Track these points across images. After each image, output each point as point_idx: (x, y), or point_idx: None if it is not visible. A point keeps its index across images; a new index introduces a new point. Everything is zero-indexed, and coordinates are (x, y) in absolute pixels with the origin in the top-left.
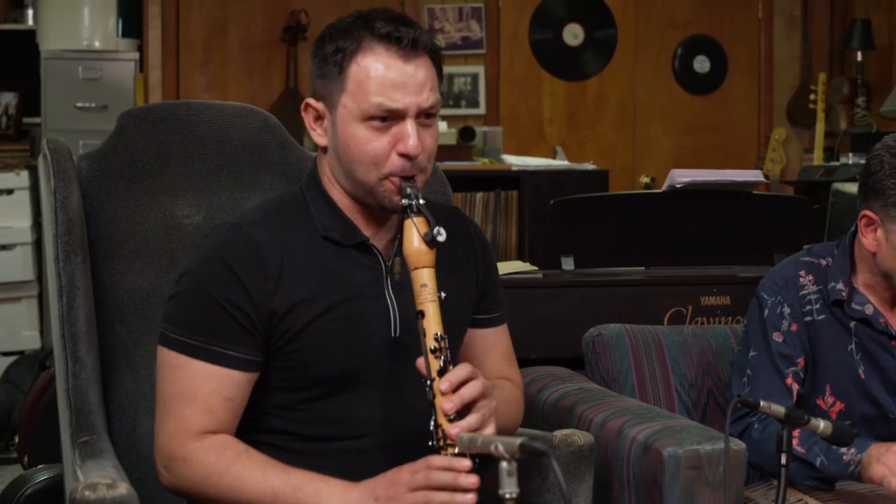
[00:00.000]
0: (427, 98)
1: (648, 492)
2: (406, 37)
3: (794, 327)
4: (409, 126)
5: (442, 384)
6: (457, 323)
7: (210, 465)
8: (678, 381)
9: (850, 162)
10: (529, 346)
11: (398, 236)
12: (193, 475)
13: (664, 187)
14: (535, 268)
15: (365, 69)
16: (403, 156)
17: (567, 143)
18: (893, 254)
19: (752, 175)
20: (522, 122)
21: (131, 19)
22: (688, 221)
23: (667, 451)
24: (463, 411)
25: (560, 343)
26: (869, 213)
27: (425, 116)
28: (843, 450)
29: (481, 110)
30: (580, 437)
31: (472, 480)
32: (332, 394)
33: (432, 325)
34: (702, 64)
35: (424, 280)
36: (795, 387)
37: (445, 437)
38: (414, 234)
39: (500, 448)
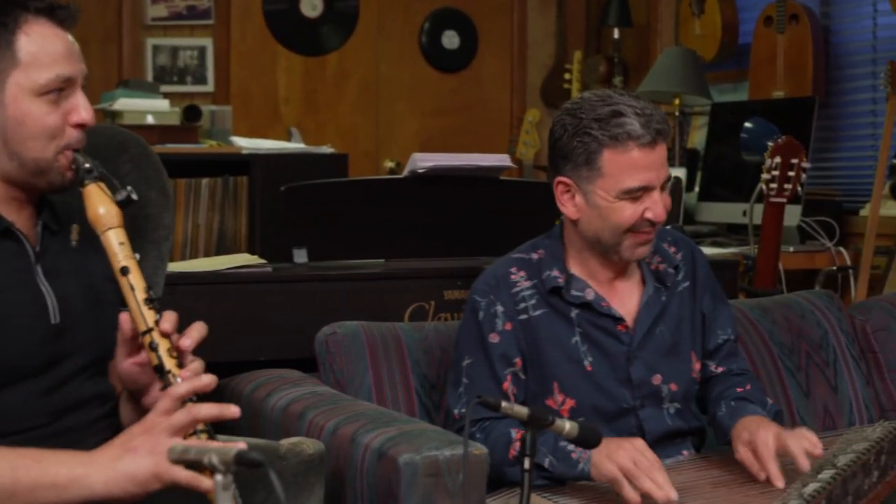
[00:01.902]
0: (83, 67)
1: (383, 503)
2: (62, 10)
3: (508, 326)
4: (80, 96)
5: (163, 323)
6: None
7: None
8: (419, 382)
9: None
10: (257, 348)
11: (39, 220)
12: None
13: (405, 173)
14: (263, 261)
15: (36, 41)
16: (79, 126)
17: (304, 125)
18: (596, 213)
19: (500, 160)
20: (255, 100)
21: None
22: (431, 210)
23: (402, 458)
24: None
25: (291, 343)
26: (563, 179)
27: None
28: (571, 447)
29: (209, 87)
30: (309, 446)
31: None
32: None
33: (139, 278)
34: (451, 39)
35: (121, 239)
36: (513, 390)
37: (177, 378)
38: (101, 196)
39: (214, 459)
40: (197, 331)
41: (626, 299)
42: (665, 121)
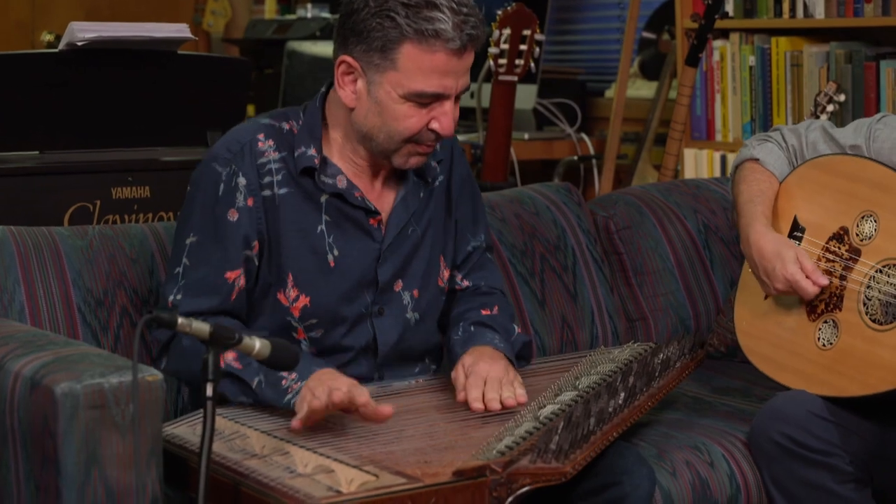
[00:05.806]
0: None
1: (39, 441)
2: None
3: (250, 202)
4: None
5: None
6: None
7: None
8: (81, 297)
9: (310, 15)
10: None
11: None
12: None
13: (62, 46)
14: None
15: None
16: None
17: None
18: (376, 109)
19: (177, 30)
20: None
21: None
22: (95, 91)
23: (60, 388)
24: None
25: None
26: (348, 58)
27: None
28: (284, 373)
29: None
30: None
31: None
32: None
33: None
34: None
35: None
36: (241, 281)
37: None
38: None
39: None
40: None
41: (383, 192)
42: (480, 24)
